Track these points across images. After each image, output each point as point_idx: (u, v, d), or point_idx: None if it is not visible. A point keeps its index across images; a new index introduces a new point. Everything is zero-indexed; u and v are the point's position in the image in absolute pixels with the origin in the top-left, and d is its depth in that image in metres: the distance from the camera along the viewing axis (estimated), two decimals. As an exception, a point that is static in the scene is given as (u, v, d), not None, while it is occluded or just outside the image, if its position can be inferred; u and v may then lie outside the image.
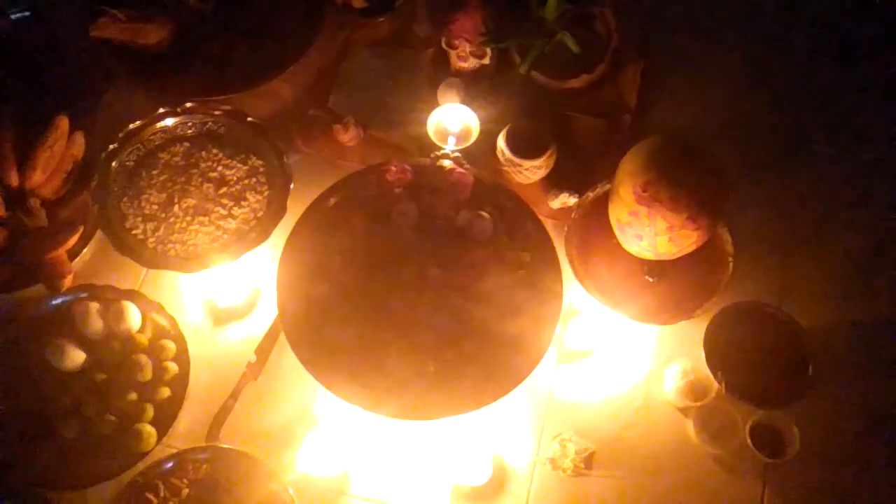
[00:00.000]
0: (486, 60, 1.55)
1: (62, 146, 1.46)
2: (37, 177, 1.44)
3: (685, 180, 1.23)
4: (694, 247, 1.30)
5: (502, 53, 1.56)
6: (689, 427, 1.34)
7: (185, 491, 1.28)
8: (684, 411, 1.37)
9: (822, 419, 1.33)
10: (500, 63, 1.57)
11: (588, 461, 1.33)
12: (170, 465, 1.29)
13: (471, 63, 1.55)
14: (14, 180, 1.42)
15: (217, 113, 1.54)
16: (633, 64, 1.60)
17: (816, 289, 1.45)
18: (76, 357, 1.34)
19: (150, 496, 1.26)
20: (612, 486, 1.33)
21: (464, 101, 1.51)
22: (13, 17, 1.64)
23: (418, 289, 1.36)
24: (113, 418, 1.31)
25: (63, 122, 1.46)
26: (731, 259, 1.38)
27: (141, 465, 1.29)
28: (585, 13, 1.59)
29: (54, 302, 1.40)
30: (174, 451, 1.31)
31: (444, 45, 1.55)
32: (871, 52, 1.67)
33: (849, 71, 1.65)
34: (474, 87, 1.55)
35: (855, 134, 1.59)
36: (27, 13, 1.65)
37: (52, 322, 1.39)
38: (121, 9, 1.54)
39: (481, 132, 1.47)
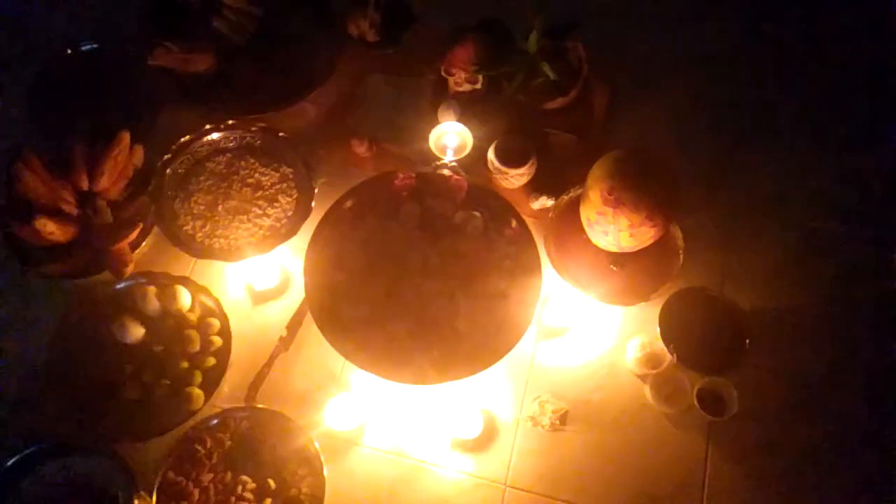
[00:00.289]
0: (479, 86, 1.52)
1: (125, 156, 1.44)
2: (104, 182, 1.42)
3: (643, 186, 1.22)
4: (651, 241, 1.29)
5: (492, 80, 1.53)
6: (647, 391, 1.33)
7: (228, 443, 1.27)
8: (642, 378, 1.35)
9: (757, 385, 1.32)
10: (490, 88, 1.54)
11: (563, 419, 1.32)
12: (215, 422, 1.28)
13: (465, 88, 1.52)
14: (85, 184, 1.40)
15: (254, 129, 1.53)
16: (601, 88, 1.59)
17: (753, 276, 1.43)
18: (137, 332, 1.33)
19: (199, 447, 1.25)
20: (582, 440, 1.31)
21: (460, 120, 1.49)
22: (83, 48, 1.62)
23: (421, 275, 1.35)
24: (167, 383, 1.30)
25: (125, 136, 1.44)
26: (681, 251, 1.37)
27: (191, 422, 1.28)
28: (561, 46, 1.55)
29: (119, 286, 1.39)
30: (218, 410, 1.30)
31: (443, 73, 1.52)
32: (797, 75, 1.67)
33: (779, 93, 1.64)
34: (469, 107, 1.52)
35: (783, 145, 1.57)
36: (95, 45, 1.62)
37: (117, 303, 1.38)
38: (174, 41, 1.52)
39: (474, 146, 1.46)
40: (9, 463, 1.23)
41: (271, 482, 1.23)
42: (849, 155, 1.56)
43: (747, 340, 1.31)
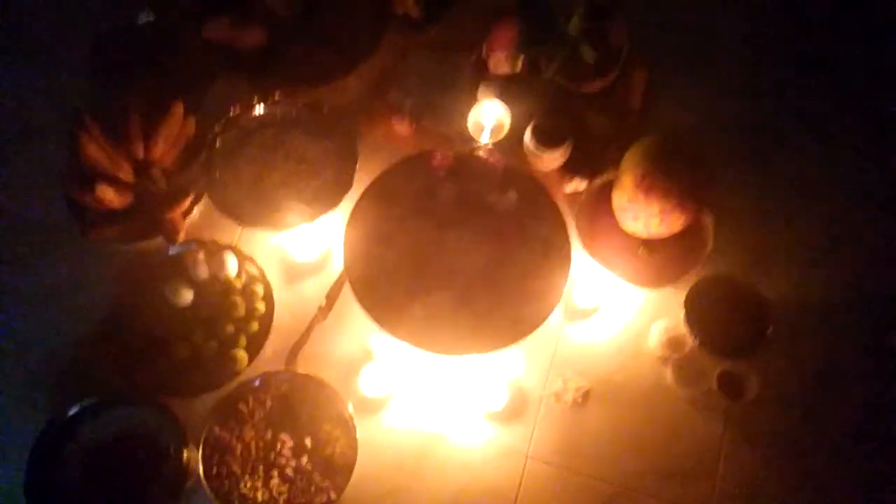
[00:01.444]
0: (518, 66, 1.52)
1: (178, 127, 1.48)
2: (158, 151, 1.46)
3: (675, 174, 1.25)
4: (681, 227, 1.32)
5: (532, 60, 1.52)
6: (668, 373, 1.35)
7: (269, 404, 1.32)
8: (664, 360, 1.37)
9: (777, 372, 1.33)
10: (530, 68, 1.53)
11: (585, 397, 1.35)
12: (257, 382, 1.33)
13: (505, 68, 1.53)
14: (141, 153, 1.45)
15: (299, 103, 1.56)
16: (640, 71, 1.57)
17: (781, 265, 1.43)
18: (187, 295, 1.39)
19: (242, 406, 1.32)
20: (603, 418, 1.34)
21: (499, 100, 1.50)
22: (141, 21, 1.66)
23: (456, 251, 1.40)
24: (215, 344, 1.36)
25: (179, 107, 1.48)
26: (711, 238, 1.38)
27: (235, 382, 1.33)
28: (601, 28, 1.54)
29: (171, 251, 1.44)
30: (261, 372, 1.34)
31: (483, 53, 1.53)
32: (844, 64, 1.63)
33: (825, 81, 1.61)
34: (507, 88, 1.53)
35: (825, 136, 1.55)
36: (152, 18, 1.66)
37: (170, 267, 1.43)
38: (226, 16, 1.55)
39: (512, 126, 1.47)
40: (70, 412, 1.32)
41: (308, 441, 1.30)
42: (891, 145, 1.54)
43: (770, 328, 1.31)
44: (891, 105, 1.58)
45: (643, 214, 1.30)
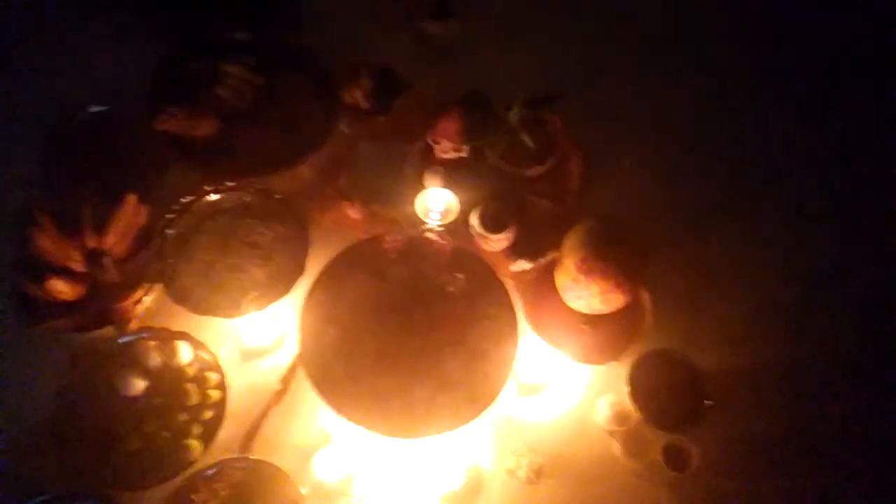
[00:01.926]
0: (463, 153, 1.60)
1: (131, 216, 1.49)
2: (110, 240, 1.47)
3: (613, 256, 1.32)
4: (621, 305, 1.38)
5: (476, 148, 1.61)
6: (616, 446, 1.40)
7: (223, 493, 1.30)
8: (612, 433, 1.41)
9: (719, 442, 1.38)
10: (474, 155, 1.62)
11: (538, 472, 1.37)
12: (211, 471, 1.32)
13: (451, 155, 1.60)
14: (92, 242, 1.46)
15: (251, 190, 1.60)
16: (577, 156, 1.68)
17: (715, 338, 1.51)
18: (138, 384, 1.38)
19: (195, 497, 1.29)
20: (556, 494, 1.36)
21: (445, 186, 1.57)
22: (93, 111, 1.68)
23: (408, 332, 1.43)
24: (167, 434, 1.34)
25: (131, 198, 1.49)
26: (649, 314, 1.45)
27: (188, 472, 1.31)
28: (540, 118, 1.65)
29: (122, 340, 1.43)
30: (215, 461, 1.33)
31: (430, 141, 1.60)
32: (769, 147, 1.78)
33: (753, 165, 1.76)
34: (454, 174, 1.59)
35: (753, 219, 1.68)
36: (104, 108, 1.69)
37: (120, 356, 1.41)
38: (178, 107, 1.59)
39: (458, 210, 1.53)
40: (15, 513, 1.28)
41: (263, 531, 1.29)
42: (812, 225, 1.67)
43: (708, 401, 1.38)
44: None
45: (585, 294, 1.36)
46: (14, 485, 1.34)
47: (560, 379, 1.47)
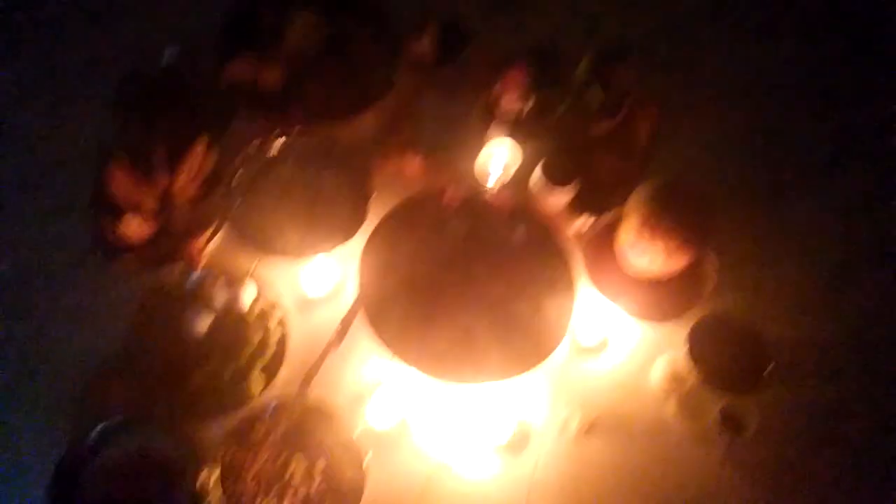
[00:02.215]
0: (529, 107, 1.58)
1: (201, 160, 1.53)
2: (180, 183, 1.51)
3: (679, 216, 1.30)
4: (684, 266, 1.36)
5: (542, 101, 1.59)
6: (670, 407, 1.38)
7: (282, 429, 1.35)
8: (668, 393, 1.40)
9: (778, 410, 1.36)
10: (540, 109, 1.60)
11: (590, 428, 1.38)
12: (271, 408, 1.36)
13: (516, 109, 1.58)
14: (164, 184, 1.50)
15: (316, 138, 1.61)
16: (648, 113, 1.61)
17: (783, 304, 1.47)
18: (204, 321, 1.42)
19: (256, 430, 1.34)
20: (607, 450, 1.37)
21: (509, 139, 1.56)
22: (165, 56, 1.71)
23: (466, 284, 1.44)
24: (230, 369, 1.39)
25: (202, 141, 1.52)
26: (713, 277, 1.42)
27: (251, 406, 1.37)
28: (610, 71, 1.60)
29: (191, 279, 1.47)
30: (275, 398, 1.37)
31: (495, 94, 1.59)
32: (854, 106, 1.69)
33: (835, 125, 1.67)
34: (517, 128, 1.58)
35: (832, 180, 1.61)
36: (176, 53, 1.71)
37: (188, 295, 1.46)
38: (248, 55, 1.62)
39: (521, 164, 1.53)
40: (91, 435, 1.36)
41: (318, 466, 1.33)
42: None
43: (770, 365, 1.34)
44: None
45: (648, 253, 1.34)
46: (87, 409, 1.42)
47: (617, 336, 1.46)
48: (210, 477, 1.32)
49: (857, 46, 1.77)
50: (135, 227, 1.45)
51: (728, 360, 1.38)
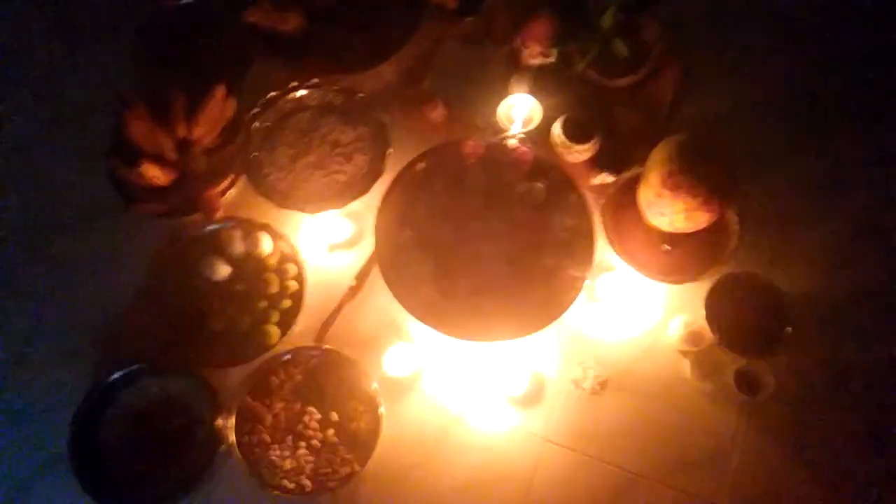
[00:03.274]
0: (551, 59, 1.54)
1: (219, 108, 1.52)
2: (199, 130, 1.50)
3: (702, 172, 1.26)
4: (705, 224, 1.32)
5: (565, 54, 1.55)
6: (686, 366, 1.38)
7: (298, 377, 1.38)
8: (683, 354, 1.39)
9: (795, 370, 1.35)
10: (563, 61, 1.56)
11: (604, 385, 1.38)
12: (288, 356, 1.39)
13: (538, 60, 1.55)
14: (182, 132, 1.50)
15: (335, 88, 1.60)
16: (673, 67, 1.58)
17: (803, 263, 1.45)
18: (223, 270, 1.44)
19: (273, 378, 1.37)
20: (620, 407, 1.37)
21: (530, 92, 1.52)
22: (182, 2, 1.71)
23: (482, 239, 1.42)
24: (248, 319, 1.41)
25: (220, 89, 1.51)
26: (735, 235, 1.40)
27: (267, 356, 1.38)
28: (635, 23, 1.56)
29: (209, 228, 1.48)
30: (291, 347, 1.39)
31: (517, 45, 1.55)
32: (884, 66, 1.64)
33: (864, 82, 1.62)
34: (540, 80, 1.55)
35: (857, 139, 1.56)
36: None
37: (207, 243, 1.47)
38: (266, 1, 1.59)
39: (542, 119, 1.50)
40: (111, 378, 1.39)
41: (334, 415, 1.36)
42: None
43: (789, 328, 1.33)
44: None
45: (668, 211, 1.31)
46: (109, 353, 1.45)
47: (634, 295, 1.44)
48: (226, 424, 1.34)
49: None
50: (153, 174, 1.45)
51: (745, 322, 1.36)
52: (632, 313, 1.44)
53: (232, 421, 1.35)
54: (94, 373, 1.42)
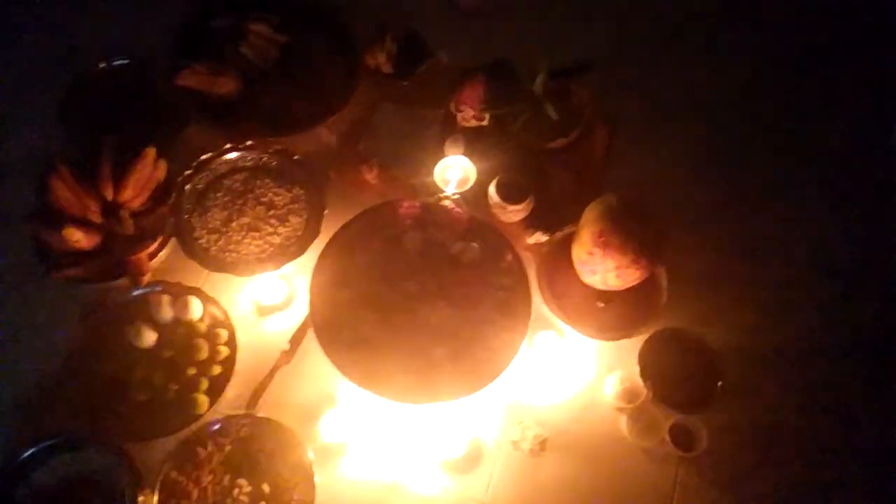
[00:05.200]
0: (485, 122, 1.58)
1: (149, 170, 1.50)
2: (127, 193, 1.47)
3: (631, 231, 1.30)
4: (636, 282, 1.36)
5: (498, 117, 1.59)
6: (623, 423, 1.38)
7: (228, 448, 1.32)
8: (619, 411, 1.40)
9: (727, 424, 1.37)
10: (496, 125, 1.60)
11: (543, 445, 1.37)
12: (217, 426, 1.33)
13: (472, 123, 1.58)
14: (110, 195, 1.46)
15: (270, 150, 1.59)
16: (603, 129, 1.64)
17: (731, 320, 1.48)
18: (150, 337, 1.39)
19: (200, 450, 1.31)
20: (559, 467, 1.36)
21: (464, 154, 1.55)
22: (114, 63, 1.69)
23: (419, 300, 1.42)
24: (175, 387, 1.36)
25: (150, 152, 1.49)
26: (665, 292, 1.43)
27: (195, 426, 1.33)
28: (566, 88, 1.62)
29: (135, 293, 1.45)
30: (221, 416, 1.34)
31: (452, 108, 1.58)
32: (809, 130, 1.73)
33: (789, 146, 1.71)
34: (474, 143, 1.58)
35: (783, 198, 1.64)
36: (126, 61, 1.69)
37: (133, 308, 1.43)
38: (201, 64, 1.59)
39: (477, 179, 1.52)
40: (23, 455, 1.30)
41: (266, 487, 1.29)
42: (836, 213, 1.63)
43: (719, 383, 1.36)
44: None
45: (600, 268, 1.34)
46: (25, 428, 1.36)
47: (572, 353, 1.45)
48: (151, 500, 1.27)
49: (805, 70, 1.81)
50: (77, 238, 1.40)
51: (678, 378, 1.39)
52: (569, 371, 1.44)
53: (155, 499, 1.27)
54: (7, 449, 1.32)
